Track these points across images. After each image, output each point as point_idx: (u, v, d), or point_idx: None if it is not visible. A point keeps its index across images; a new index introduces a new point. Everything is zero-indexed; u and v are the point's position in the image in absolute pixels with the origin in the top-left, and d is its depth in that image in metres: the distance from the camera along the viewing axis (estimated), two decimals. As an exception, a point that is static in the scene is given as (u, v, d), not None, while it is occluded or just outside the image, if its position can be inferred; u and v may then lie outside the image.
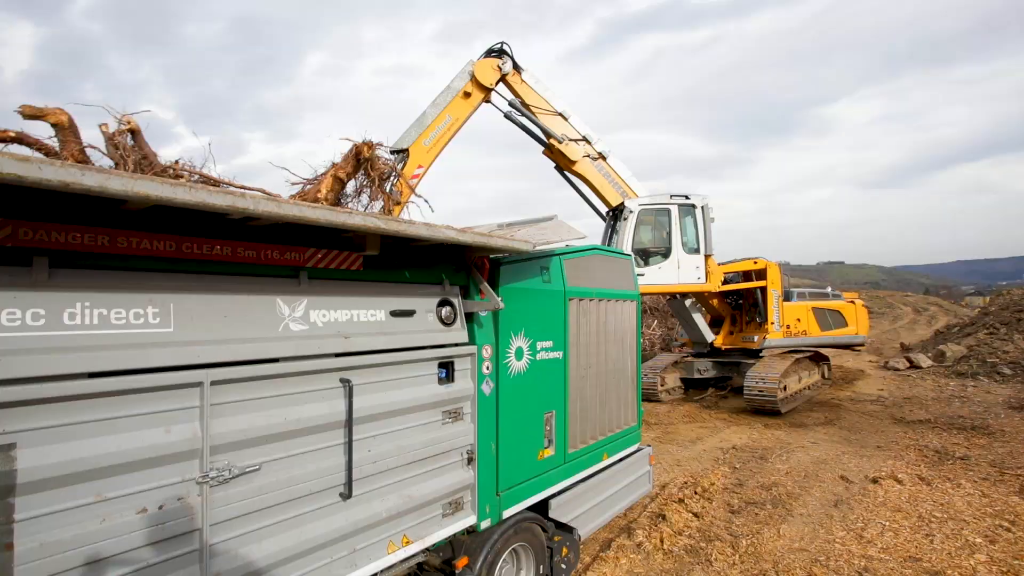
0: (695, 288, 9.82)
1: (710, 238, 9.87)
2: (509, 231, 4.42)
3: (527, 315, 3.69)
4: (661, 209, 9.69)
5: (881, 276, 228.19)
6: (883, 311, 36.49)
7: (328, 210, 1.99)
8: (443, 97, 8.21)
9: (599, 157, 9.78)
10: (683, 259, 9.68)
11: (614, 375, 4.82)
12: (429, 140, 7.74)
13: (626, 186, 9.96)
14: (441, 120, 8.01)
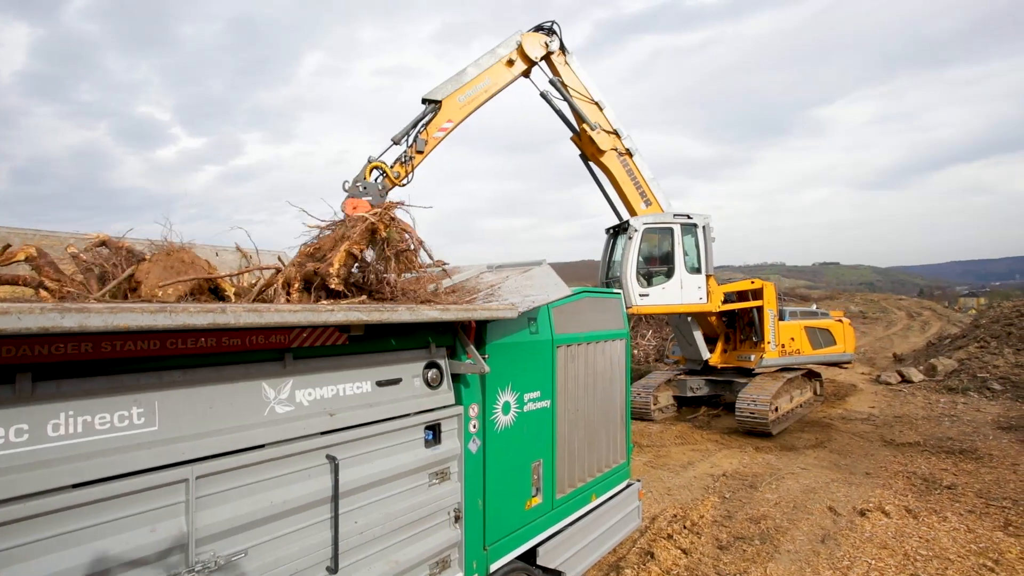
0: (697, 308, 9.89)
1: (711, 258, 9.94)
2: (498, 273, 4.47)
3: (514, 368, 3.73)
4: (664, 228, 9.75)
5: (876, 277, 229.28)
6: (877, 316, 36.69)
7: (310, 311, 2.02)
8: (486, 59, 8.25)
9: (626, 153, 9.93)
10: (685, 279, 9.74)
11: (602, 415, 4.86)
12: (464, 97, 7.83)
13: (646, 186, 10.09)
14: (480, 81, 8.08)
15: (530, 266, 4.29)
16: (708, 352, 10.37)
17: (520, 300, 3.42)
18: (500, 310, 2.95)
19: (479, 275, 4.56)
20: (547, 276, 3.99)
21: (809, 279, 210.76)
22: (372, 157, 7.10)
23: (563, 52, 9.29)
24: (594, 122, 9.49)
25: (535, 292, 3.68)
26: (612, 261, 10.28)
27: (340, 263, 2.71)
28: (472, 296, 3.70)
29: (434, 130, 7.60)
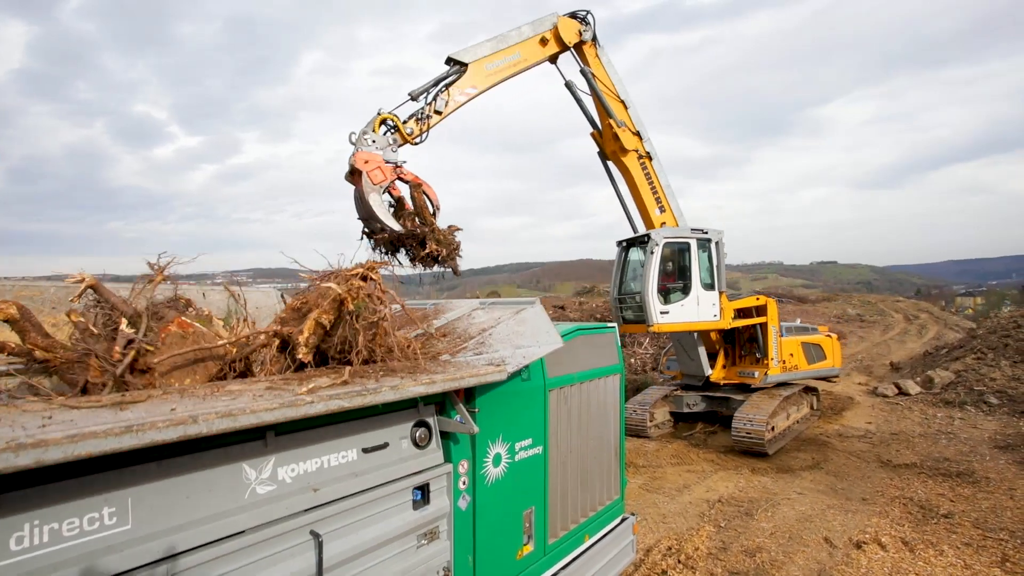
0: (711, 325, 9.83)
1: (723, 274, 9.87)
2: (489, 312, 4.40)
3: (505, 418, 3.66)
4: (682, 243, 9.63)
5: (873, 276, 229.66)
6: (874, 319, 36.71)
7: (288, 406, 1.95)
8: (522, 32, 8.07)
9: (646, 156, 9.81)
10: (701, 296, 9.67)
11: (596, 453, 4.81)
12: (492, 66, 7.58)
13: (662, 193, 9.99)
14: (511, 53, 7.86)
15: (522, 306, 4.22)
16: (711, 368, 10.30)
17: (511, 354, 3.36)
18: (489, 373, 2.88)
19: (471, 312, 4.50)
20: (539, 320, 3.92)
21: (807, 278, 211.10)
22: (383, 109, 6.64)
23: (595, 43, 9.14)
24: (620, 120, 9.34)
25: (527, 340, 3.61)
26: (626, 275, 10.15)
27: (310, 332, 2.64)
28: (462, 345, 3.63)
29: (457, 92, 7.27)
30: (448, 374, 2.69)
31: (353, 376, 2.52)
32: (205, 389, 2.12)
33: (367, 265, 3.17)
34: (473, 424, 3.15)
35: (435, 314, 4.62)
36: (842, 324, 32.95)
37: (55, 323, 3.51)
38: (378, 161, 6.38)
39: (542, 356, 3.48)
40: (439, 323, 4.40)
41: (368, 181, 6.19)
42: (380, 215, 6.08)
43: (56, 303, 3.50)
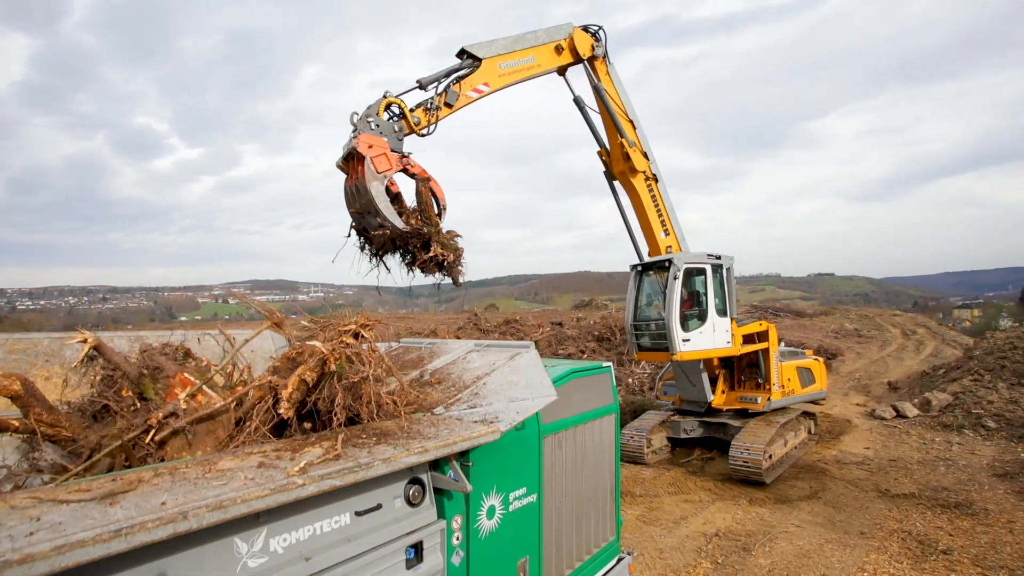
0: (725, 352, 9.76)
1: (735, 299, 9.88)
2: (484, 356, 4.40)
3: (500, 470, 3.66)
4: (699, 268, 9.55)
5: (871, 288, 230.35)
6: (872, 334, 36.71)
7: (279, 491, 1.95)
8: (537, 36, 7.90)
9: (652, 178, 9.69)
10: (716, 322, 9.62)
11: (591, 495, 4.79)
12: (506, 66, 7.32)
13: (667, 215, 9.87)
14: (525, 56, 7.65)
15: (517, 350, 4.23)
16: (713, 394, 10.24)
17: (504, 408, 3.36)
18: (482, 435, 2.88)
19: (466, 355, 4.50)
20: (533, 368, 3.92)
21: (804, 290, 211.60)
22: (389, 93, 6.19)
23: (606, 60, 9.07)
24: (632, 139, 9.24)
25: (520, 391, 3.61)
26: (641, 301, 10.01)
27: (293, 387, 2.65)
28: (456, 396, 3.63)
29: (468, 88, 6.92)
30: (440, 439, 2.68)
31: (346, 444, 2.52)
32: (197, 469, 2.12)
33: (360, 322, 3.18)
34: (466, 482, 3.14)
35: (430, 356, 4.62)
36: (840, 339, 32.97)
37: (48, 376, 3.52)
38: (384, 147, 5.83)
39: (538, 411, 3.47)
40: (434, 366, 4.40)
41: (371, 168, 5.61)
42: (382, 208, 5.53)
43: (49, 356, 3.51)
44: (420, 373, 4.22)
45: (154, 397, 2.50)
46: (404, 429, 2.88)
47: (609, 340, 22.07)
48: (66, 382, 3.36)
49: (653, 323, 9.57)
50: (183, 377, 2.70)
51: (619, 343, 21.66)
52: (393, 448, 2.51)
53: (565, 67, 8.56)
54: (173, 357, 2.88)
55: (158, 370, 2.67)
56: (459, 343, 4.69)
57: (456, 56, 7.08)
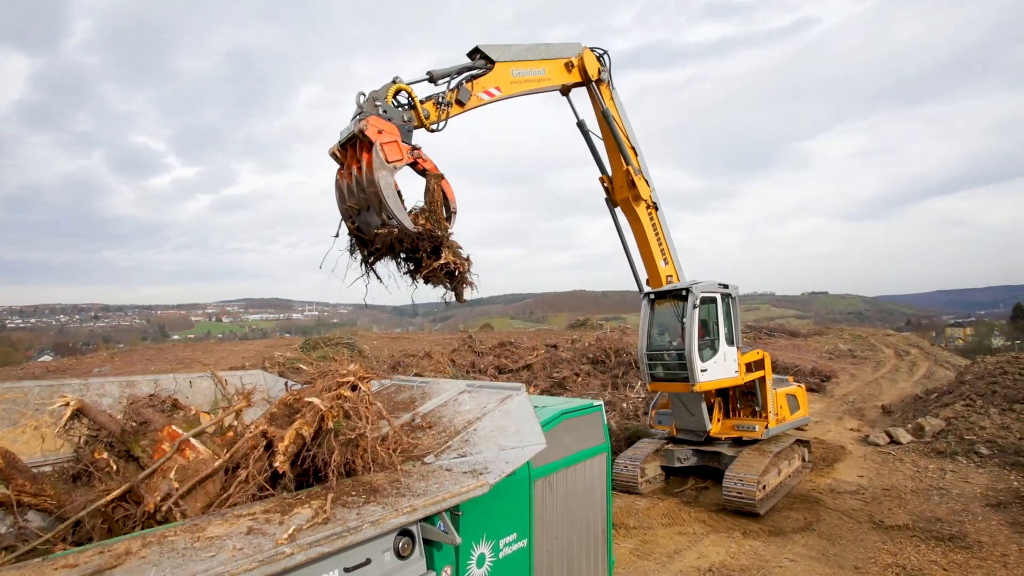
0: (734, 382, 9.76)
1: (740, 328, 9.92)
2: (475, 398, 4.42)
3: (490, 516, 3.66)
4: (711, 298, 9.56)
5: (864, 306, 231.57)
6: (865, 354, 36.83)
7: (269, 564, 1.96)
8: (550, 48, 7.78)
9: (652, 206, 9.61)
10: (726, 352, 9.62)
11: (582, 537, 4.77)
12: (518, 73, 7.15)
13: (666, 244, 9.83)
14: (537, 67, 7.53)
15: (508, 393, 4.26)
16: (711, 423, 10.20)
17: (494, 457, 3.38)
18: (471, 490, 2.90)
19: (457, 397, 4.52)
20: (523, 413, 3.94)
21: (799, 308, 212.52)
22: (399, 78, 5.71)
23: (610, 85, 9.04)
24: (637, 166, 9.16)
25: (510, 439, 3.63)
26: (653, 331, 9.90)
27: (290, 441, 2.67)
28: (447, 443, 3.65)
29: (480, 89, 6.64)
30: (429, 497, 2.70)
31: (335, 503, 2.53)
32: (185, 537, 2.12)
33: (357, 374, 3.21)
34: (455, 535, 3.15)
35: (422, 397, 4.64)
36: (833, 360, 33.06)
37: (38, 425, 3.51)
38: (395, 134, 5.29)
39: (527, 460, 3.49)
40: (425, 409, 4.42)
41: (380, 156, 5.05)
42: (391, 203, 4.95)
43: (39, 404, 3.51)
44: (412, 416, 4.24)
45: (141, 454, 2.51)
46: (394, 484, 2.90)
47: (604, 363, 22.04)
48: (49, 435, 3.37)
49: (668, 353, 9.47)
50: (171, 430, 2.71)
51: (613, 365, 21.63)
52: (382, 508, 2.52)
53: (571, 86, 8.55)
54: (160, 409, 2.89)
55: (145, 424, 2.68)
56: (450, 384, 4.71)
57: (468, 55, 6.90)
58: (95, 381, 3.79)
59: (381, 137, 5.14)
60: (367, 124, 5.12)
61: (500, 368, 21.59)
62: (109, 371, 23.74)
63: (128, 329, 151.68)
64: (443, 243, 5.26)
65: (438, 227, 5.31)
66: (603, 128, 9.10)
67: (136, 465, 2.44)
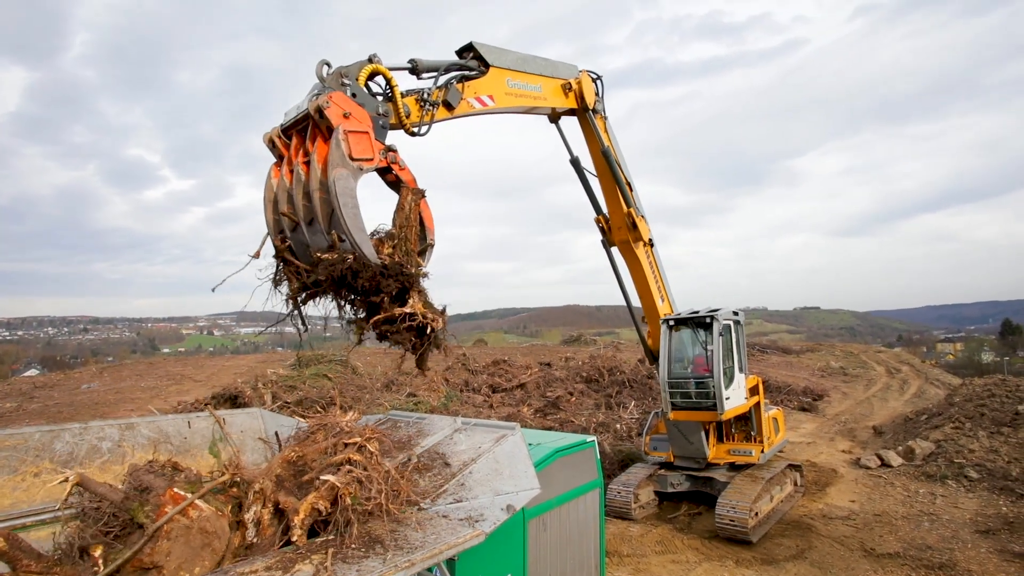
0: (744, 408, 9.79)
1: (746, 355, 10.00)
2: (469, 437, 4.47)
3: (484, 560, 3.71)
4: (728, 325, 9.57)
5: (855, 321, 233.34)
6: (857, 372, 37.08)
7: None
8: (550, 67, 7.16)
9: (649, 243, 9.26)
10: (739, 379, 9.65)
11: (576, 571, 4.82)
12: (514, 85, 6.44)
13: (662, 282, 9.67)
14: (534, 81, 6.83)
15: (503, 431, 4.32)
16: (708, 449, 10.23)
17: (489, 503, 3.44)
18: (466, 540, 2.96)
19: (452, 435, 4.58)
20: (517, 455, 4.00)
21: (791, 323, 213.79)
22: (377, 58, 4.49)
23: (605, 119, 8.40)
24: (637, 206, 8.68)
25: (506, 483, 3.70)
26: (674, 358, 9.77)
27: (305, 514, 2.72)
28: (443, 488, 3.70)
29: (472, 94, 5.72)
30: (427, 550, 2.76)
31: (335, 558, 2.58)
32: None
33: (365, 435, 3.23)
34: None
35: (418, 435, 4.69)
36: (825, 378, 33.29)
37: (38, 472, 3.55)
38: (367, 124, 4.07)
39: (521, 507, 3.55)
40: (421, 449, 4.47)
41: (342, 150, 3.78)
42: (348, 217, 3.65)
43: (40, 450, 3.55)
44: (408, 457, 4.29)
45: (145, 520, 2.54)
46: (392, 533, 2.95)
47: (597, 382, 22.09)
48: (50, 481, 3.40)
49: (691, 381, 9.45)
50: (173, 493, 2.75)
51: (607, 384, 21.68)
52: (382, 564, 2.58)
53: (563, 113, 7.99)
54: (161, 473, 2.92)
55: (147, 490, 2.71)
56: (445, 421, 4.77)
57: (457, 53, 5.97)
58: (95, 424, 3.82)
59: (347, 123, 3.89)
60: (329, 101, 3.86)
61: (494, 387, 21.58)
62: (98, 387, 23.47)
63: (118, 342, 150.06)
64: (414, 285, 4.01)
65: (410, 261, 4.03)
66: (600, 166, 8.62)
67: (141, 532, 2.48)
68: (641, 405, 18.74)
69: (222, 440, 4.36)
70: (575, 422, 16.65)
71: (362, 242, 3.78)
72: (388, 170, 4.38)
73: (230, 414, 4.56)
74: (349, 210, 3.74)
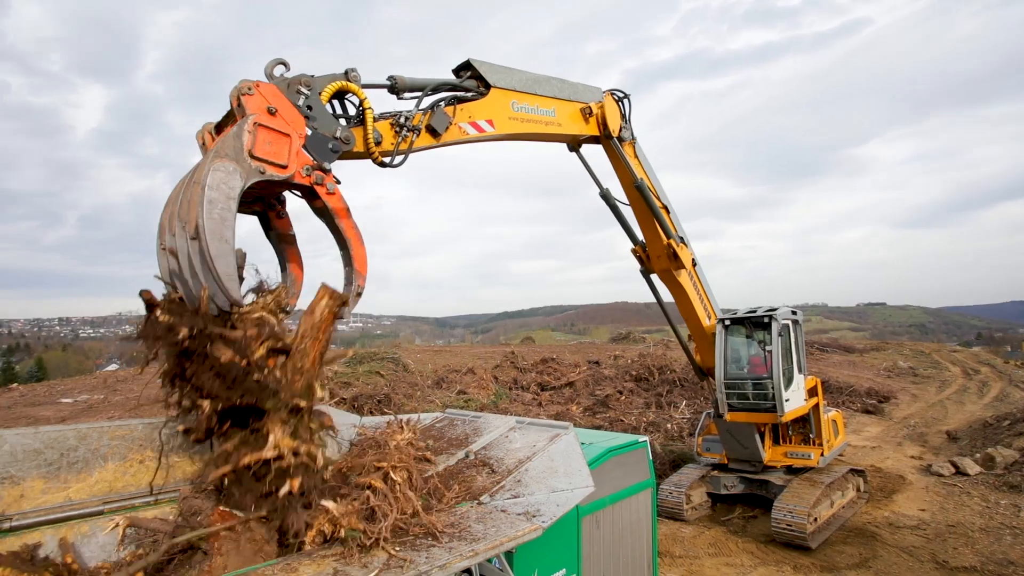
0: (803, 411, 9.56)
1: (804, 355, 9.74)
2: (524, 436, 4.63)
3: (540, 553, 3.85)
4: (786, 325, 9.39)
5: (927, 318, 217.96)
6: (928, 373, 34.75)
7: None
8: (567, 89, 6.47)
9: (691, 264, 8.79)
10: (798, 380, 9.43)
11: (629, 569, 4.89)
12: (520, 109, 5.65)
13: (707, 299, 9.36)
14: (547, 104, 6.08)
15: (557, 430, 4.45)
16: (764, 451, 9.95)
17: (545, 500, 3.58)
18: (526, 534, 3.10)
19: (507, 433, 4.75)
20: (572, 454, 4.12)
21: (854, 321, 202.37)
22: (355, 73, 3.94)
23: (633, 142, 7.77)
24: (676, 234, 8.18)
25: (561, 480, 3.82)
26: (730, 358, 9.56)
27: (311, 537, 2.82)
28: (500, 483, 3.87)
29: (466, 118, 4.97)
30: (488, 541, 2.93)
31: (405, 547, 2.79)
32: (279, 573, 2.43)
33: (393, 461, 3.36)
34: (510, 572, 3.37)
35: (474, 433, 4.88)
36: (892, 379, 31.42)
37: (142, 459, 3.97)
38: (295, 126, 3.43)
39: (576, 504, 3.67)
40: (478, 445, 4.66)
41: (239, 142, 3.10)
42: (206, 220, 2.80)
43: (143, 440, 3.97)
44: (466, 453, 4.49)
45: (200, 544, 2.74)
46: (454, 526, 3.14)
47: (647, 380, 21.81)
48: (153, 467, 3.81)
49: (749, 382, 9.26)
50: (220, 511, 2.96)
51: (657, 383, 21.37)
52: (448, 552, 2.76)
53: (584, 140, 7.24)
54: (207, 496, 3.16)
55: (195, 514, 2.95)
56: (501, 420, 4.94)
57: (454, 71, 5.30)
58: (187, 417, 4.24)
59: (266, 119, 3.26)
60: (253, 89, 3.26)
61: (542, 385, 21.72)
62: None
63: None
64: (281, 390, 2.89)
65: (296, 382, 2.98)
66: (633, 197, 8.04)
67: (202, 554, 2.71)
68: (693, 405, 18.38)
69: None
70: (625, 421, 16.55)
71: (222, 263, 2.81)
72: (310, 193, 3.66)
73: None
74: (215, 211, 2.81)
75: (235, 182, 3.01)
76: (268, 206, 3.96)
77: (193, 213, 2.90)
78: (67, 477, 3.43)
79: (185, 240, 2.94)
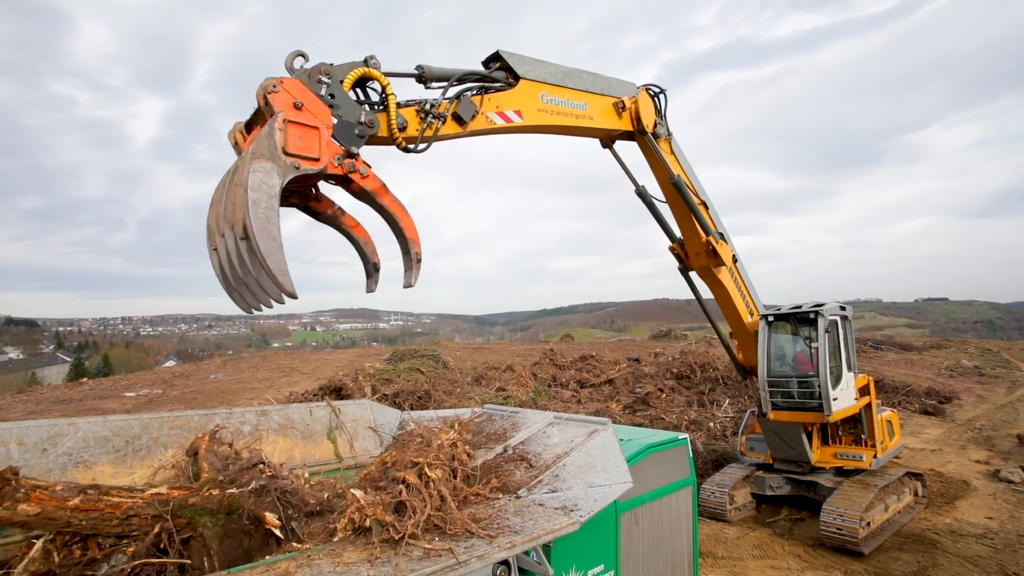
0: (852, 410, 9.24)
1: (855, 352, 9.42)
2: (562, 431, 4.63)
3: (578, 548, 3.85)
4: (834, 321, 9.07)
5: (995, 314, 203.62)
6: (997, 373, 32.49)
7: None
8: (600, 83, 6.36)
9: (732, 260, 8.60)
10: (847, 378, 9.12)
11: (669, 568, 4.82)
12: (550, 101, 5.61)
13: (748, 295, 9.15)
14: (578, 98, 6.00)
15: (595, 427, 4.44)
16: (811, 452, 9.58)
17: (583, 495, 3.58)
18: (564, 527, 3.12)
19: (545, 429, 4.76)
20: (610, 449, 4.10)
21: (912, 317, 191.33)
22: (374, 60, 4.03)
23: (669, 137, 7.62)
24: (718, 231, 8.04)
25: (598, 476, 3.81)
26: (774, 355, 9.29)
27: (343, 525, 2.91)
28: (538, 478, 3.90)
29: (493, 107, 4.97)
30: (526, 534, 2.96)
31: (444, 538, 2.86)
32: (327, 561, 2.53)
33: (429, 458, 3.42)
34: (548, 566, 3.39)
35: (512, 428, 4.93)
36: (955, 379, 29.61)
37: (198, 446, 4.18)
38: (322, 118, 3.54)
39: (614, 499, 3.65)
40: (516, 440, 4.70)
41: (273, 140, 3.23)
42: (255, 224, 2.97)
43: (200, 428, 4.20)
44: (504, 448, 4.54)
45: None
46: (493, 519, 3.19)
47: (688, 378, 21.37)
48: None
49: (794, 380, 8.98)
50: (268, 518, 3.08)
51: (699, 381, 20.90)
52: (486, 544, 2.81)
53: (618, 136, 7.26)
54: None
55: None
56: (539, 415, 4.96)
57: (483, 63, 5.32)
58: (238, 410, 4.48)
59: (294, 114, 3.36)
60: (278, 86, 3.35)
61: (581, 383, 21.60)
62: (222, 377, 26.63)
63: (236, 337, 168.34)
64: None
65: None
66: (669, 193, 7.89)
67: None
68: (736, 403, 17.88)
69: (338, 428, 4.89)
70: (666, 419, 16.28)
71: (268, 252, 2.99)
72: (345, 179, 3.82)
73: (343, 405, 5.08)
74: (260, 210, 3.00)
75: (274, 180, 3.17)
76: (304, 196, 4.16)
77: (239, 215, 3.08)
78: (132, 463, 3.68)
79: (235, 240, 3.15)
